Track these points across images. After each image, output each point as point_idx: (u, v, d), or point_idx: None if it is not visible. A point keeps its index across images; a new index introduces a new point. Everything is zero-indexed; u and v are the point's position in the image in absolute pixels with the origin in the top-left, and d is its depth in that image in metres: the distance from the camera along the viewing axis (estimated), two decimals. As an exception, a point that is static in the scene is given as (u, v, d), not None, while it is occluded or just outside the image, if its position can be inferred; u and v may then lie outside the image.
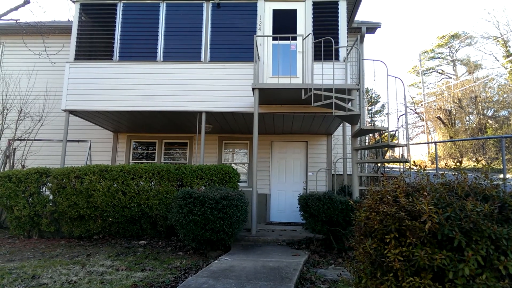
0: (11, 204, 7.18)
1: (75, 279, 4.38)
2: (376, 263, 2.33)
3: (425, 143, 28.40)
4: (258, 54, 7.54)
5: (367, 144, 10.23)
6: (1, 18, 7.41)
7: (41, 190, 7.39)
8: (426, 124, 31.62)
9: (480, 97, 25.37)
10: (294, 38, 8.03)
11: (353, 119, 6.77)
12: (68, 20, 10.65)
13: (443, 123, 28.26)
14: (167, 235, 7.21)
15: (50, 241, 7.15)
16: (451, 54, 32.39)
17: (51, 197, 7.28)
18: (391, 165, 10.90)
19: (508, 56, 25.89)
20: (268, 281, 4.01)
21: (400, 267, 2.12)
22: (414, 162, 2.96)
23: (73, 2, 8.53)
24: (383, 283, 2.24)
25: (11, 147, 9.02)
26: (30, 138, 9.33)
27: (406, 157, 6.61)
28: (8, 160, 8.91)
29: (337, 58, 7.77)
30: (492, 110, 25.54)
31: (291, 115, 7.97)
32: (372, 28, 10.20)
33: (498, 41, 26.79)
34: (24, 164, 8.91)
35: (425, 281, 2.02)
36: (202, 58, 8.23)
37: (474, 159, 19.98)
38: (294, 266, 4.81)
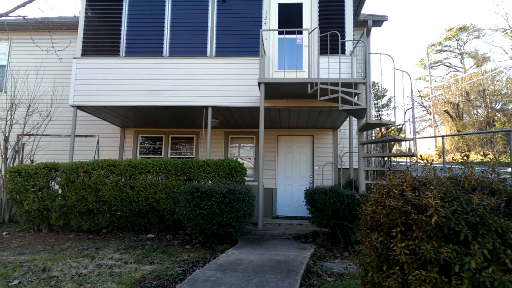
0: (21, 199, 7.29)
1: (85, 272, 4.46)
2: (383, 256, 2.35)
3: (432, 136, 28.21)
4: (263, 49, 7.52)
5: (373, 138, 10.19)
6: (9, 14, 7.47)
7: (50, 185, 7.49)
8: (434, 117, 31.39)
9: (488, 90, 25.08)
10: (300, 32, 8.00)
11: (360, 113, 6.75)
12: (75, 16, 10.69)
13: (451, 116, 28.02)
14: (175, 229, 7.28)
15: (59, 234, 7.26)
16: (459, 47, 32.02)
17: (60, 192, 7.38)
18: (397, 159, 10.86)
19: (517, 49, 25.51)
20: (275, 274, 4.05)
21: (406, 260, 2.13)
22: (420, 156, 2.96)
23: (80, -3, 8.56)
24: (389, 276, 2.26)
25: (20, 142, 9.13)
26: (39, 133, 9.43)
27: (413, 151, 6.59)
28: (17, 155, 9.02)
29: (343, 52, 7.72)
30: (501, 103, 25.27)
31: (297, 109, 7.96)
32: (378, 21, 10.10)
33: (506, 33, 26.39)
34: (33, 159, 9.01)
35: (431, 275, 2.03)
36: (208, 53, 8.24)
37: (481, 153, 19.84)
38: (301, 259, 4.84)
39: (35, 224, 7.47)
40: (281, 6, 8.27)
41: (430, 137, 28.79)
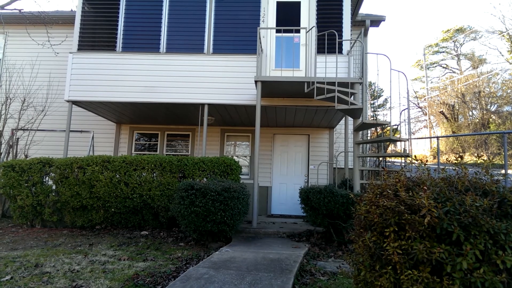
0: (14, 194, 7.24)
1: (78, 268, 4.43)
2: (375, 256, 2.35)
3: (427, 137, 28.34)
4: (261, 47, 7.51)
5: (369, 138, 10.22)
6: (5, 7, 7.42)
7: (44, 180, 7.44)
8: (429, 118, 31.50)
9: (484, 92, 25.20)
10: (298, 31, 7.99)
11: (356, 113, 6.76)
12: (71, 10, 10.61)
13: (446, 117, 28.14)
14: (169, 226, 7.27)
15: (53, 230, 7.22)
16: (456, 49, 32.17)
17: (54, 187, 7.33)
18: (392, 159, 10.91)
19: (513, 51, 25.66)
20: (269, 273, 4.05)
21: (399, 260, 2.14)
22: (415, 156, 2.97)
23: (76, -8, 8.51)
24: (381, 276, 2.27)
25: (14, 137, 9.06)
26: (33, 128, 9.36)
27: (407, 152, 6.61)
28: (11, 149, 8.95)
29: (340, 52, 7.73)
30: (496, 105, 25.40)
31: (294, 108, 7.97)
32: (376, 21, 10.11)
33: (503, 35, 26.55)
34: (27, 154, 8.95)
35: (423, 274, 2.04)
36: (205, 50, 8.21)
37: (476, 154, 19.96)
38: (294, 258, 4.85)
39: (28, 219, 7.42)
40: (279, 4, 8.25)
41: (425, 138, 28.93)
